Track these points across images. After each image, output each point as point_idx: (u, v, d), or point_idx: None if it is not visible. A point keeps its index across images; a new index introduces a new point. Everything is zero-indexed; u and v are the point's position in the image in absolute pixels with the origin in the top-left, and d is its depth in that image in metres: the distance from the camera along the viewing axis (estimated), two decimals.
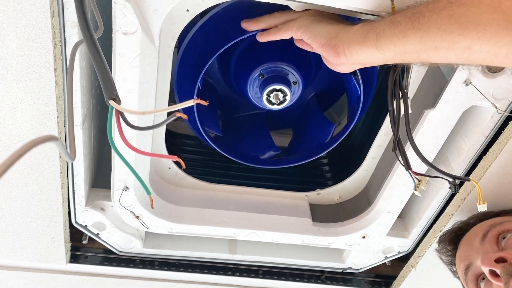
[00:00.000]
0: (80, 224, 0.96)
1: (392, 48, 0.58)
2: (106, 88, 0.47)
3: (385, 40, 0.58)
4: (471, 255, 0.85)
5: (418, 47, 0.55)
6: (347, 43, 0.64)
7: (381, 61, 0.62)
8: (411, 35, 0.55)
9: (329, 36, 0.66)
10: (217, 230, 0.98)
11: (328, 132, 1.01)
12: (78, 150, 0.82)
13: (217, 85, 1.05)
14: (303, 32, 0.70)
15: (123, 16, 0.65)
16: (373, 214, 0.99)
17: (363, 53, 0.62)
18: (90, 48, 0.48)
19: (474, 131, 0.85)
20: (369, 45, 0.60)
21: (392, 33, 0.58)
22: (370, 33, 0.61)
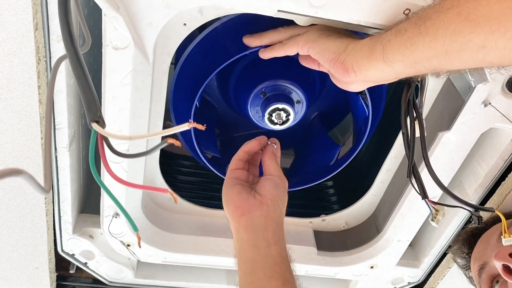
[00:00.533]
0: (67, 252, 0.89)
1: (400, 59, 0.53)
2: (89, 109, 0.41)
3: (392, 50, 0.53)
4: (486, 254, 0.77)
5: (427, 53, 0.50)
6: (355, 58, 0.59)
7: (391, 75, 0.56)
8: (419, 42, 0.50)
9: (337, 51, 0.61)
10: (215, 259, 0.92)
11: (333, 154, 0.95)
12: (64, 174, 0.76)
13: (216, 103, 0.99)
14: (310, 47, 0.64)
15: (114, 29, 0.59)
16: (382, 243, 0.92)
17: (372, 68, 0.57)
18: (72, 63, 0.42)
19: (492, 155, 0.79)
20: (376, 58, 0.55)
21: (398, 42, 0.53)
22: (376, 45, 0.56)
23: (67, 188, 0.78)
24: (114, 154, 0.39)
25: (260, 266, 0.59)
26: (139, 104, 0.70)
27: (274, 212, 0.64)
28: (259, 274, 0.58)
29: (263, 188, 0.65)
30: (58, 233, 0.84)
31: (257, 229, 0.62)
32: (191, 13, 0.67)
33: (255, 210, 0.63)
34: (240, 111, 0.91)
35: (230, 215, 0.65)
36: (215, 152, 0.94)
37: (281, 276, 0.58)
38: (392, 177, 0.91)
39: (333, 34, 0.64)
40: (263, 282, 0.58)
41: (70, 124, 0.71)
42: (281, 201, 0.66)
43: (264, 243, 0.61)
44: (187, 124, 0.36)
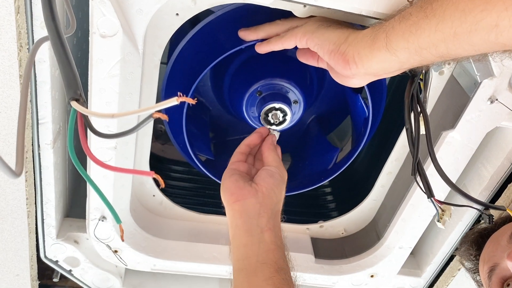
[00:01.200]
0: (50, 259, 0.84)
1: (405, 45, 0.50)
2: (69, 86, 0.37)
3: (396, 37, 0.50)
4: (496, 255, 0.73)
5: (434, 37, 0.47)
6: (356, 48, 0.55)
7: (396, 64, 0.53)
8: (425, 25, 0.47)
9: (338, 42, 0.58)
10: (207, 267, 0.88)
11: (331, 158, 0.91)
12: (47, 173, 0.72)
13: (210, 105, 0.96)
14: (309, 38, 0.61)
15: (102, 15, 0.56)
16: (382, 250, 0.88)
17: (374, 58, 0.53)
18: (52, 38, 0.39)
19: (497, 156, 0.76)
20: (379, 46, 0.52)
21: (403, 28, 0.49)
22: (379, 33, 0.52)
23: (50, 189, 0.74)
24: (95, 134, 0.35)
25: (253, 252, 0.58)
26: (128, 98, 0.66)
27: (270, 199, 0.63)
28: (252, 260, 0.57)
29: (259, 178, 0.65)
30: (40, 237, 0.80)
31: (251, 216, 0.61)
32: (183, 2, 0.64)
33: (249, 197, 0.62)
34: (235, 113, 0.87)
35: (226, 202, 0.65)
36: (209, 155, 0.90)
37: (275, 263, 0.57)
38: (393, 180, 0.88)
39: (333, 25, 0.61)
40: (256, 268, 0.57)
41: (54, 119, 0.67)
42: (278, 189, 0.65)
43: (258, 229, 0.60)
44: (176, 98, 0.32)
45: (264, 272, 0.56)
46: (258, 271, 0.56)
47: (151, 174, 0.34)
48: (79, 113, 0.37)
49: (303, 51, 0.68)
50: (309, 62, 0.68)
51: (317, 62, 0.67)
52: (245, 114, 0.82)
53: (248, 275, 0.57)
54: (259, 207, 0.62)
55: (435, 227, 0.88)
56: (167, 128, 0.82)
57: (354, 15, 0.60)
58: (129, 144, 0.72)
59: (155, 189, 0.86)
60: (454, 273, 0.89)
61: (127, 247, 0.82)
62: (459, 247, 0.84)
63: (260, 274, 0.56)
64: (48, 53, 0.60)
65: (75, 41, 0.71)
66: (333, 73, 0.62)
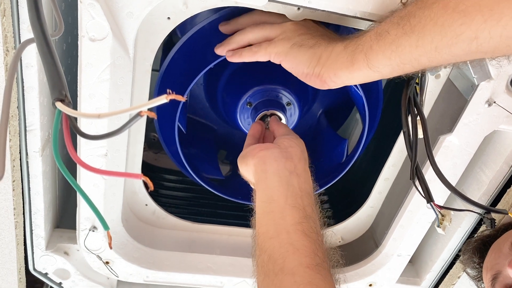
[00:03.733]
0: (39, 271, 0.81)
1: (387, 63, 0.50)
2: (53, 86, 0.36)
3: (377, 57, 0.50)
4: (499, 262, 0.72)
5: (415, 53, 0.47)
6: (333, 69, 0.56)
7: (378, 76, 0.53)
8: (405, 43, 0.47)
9: (311, 64, 0.58)
10: (201, 278, 0.85)
11: (342, 150, 0.88)
12: (36, 182, 0.70)
13: (213, 124, 0.95)
14: (283, 60, 0.62)
15: (91, 18, 0.55)
16: (381, 258, 0.86)
17: (355, 76, 0.54)
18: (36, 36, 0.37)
19: (496, 160, 0.75)
20: (360, 67, 0.52)
21: (382, 46, 0.50)
22: (357, 54, 0.53)
23: (39, 198, 0.71)
24: (80, 135, 0.34)
25: (281, 194, 0.54)
26: (119, 104, 0.64)
27: (293, 150, 0.60)
28: (280, 203, 0.53)
29: (276, 141, 0.64)
30: (29, 249, 0.77)
31: (277, 160, 0.58)
32: (175, 5, 0.62)
33: (272, 148, 0.60)
34: (236, 127, 0.86)
35: (249, 155, 0.61)
36: (218, 175, 0.88)
37: (303, 208, 0.53)
38: (391, 186, 0.86)
39: (305, 43, 0.60)
40: (284, 211, 0.52)
41: (43, 126, 0.65)
42: (298, 147, 0.62)
43: (286, 172, 0.57)
44: (165, 96, 0.31)
45: (294, 215, 0.52)
46: (286, 214, 0.52)
47: (139, 176, 0.33)
48: (64, 115, 0.35)
49: None
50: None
51: None
52: (242, 127, 0.81)
53: (275, 218, 0.52)
54: (285, 154, 0.59)
55: (434, 233, 0.87)
56: (160, 138, 0.81)
57: (348, 16, 0.59)
58: (120, 151, 0.70)
59: (147, 198, 0.84)
60: (454, 281, 0.87)
61: (119, 258, 0.80)
62: (462, 255, 0.82)
63: (288, 217, 0.52)
64: (35, 58, 0.59)
65: (65, 47, 0.70)
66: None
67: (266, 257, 0.48)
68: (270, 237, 0.50)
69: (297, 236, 0.49)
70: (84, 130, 0.59)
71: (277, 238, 0.49)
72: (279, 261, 0.47)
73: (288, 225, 0.51)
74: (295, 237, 0.49)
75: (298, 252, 0.48)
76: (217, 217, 0.96)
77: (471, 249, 0.78)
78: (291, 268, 0.46)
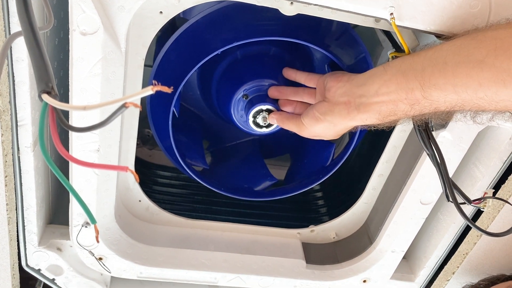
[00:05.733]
0: (32, 267, 0.81)
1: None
2: (40, 78, 0.35)
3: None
4: None
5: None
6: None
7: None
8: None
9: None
10: (195, 274, 0.85)
11: (328, 154, 0.89)
12: (28, 177, 0.69)
13: (202, 113, 0.94)
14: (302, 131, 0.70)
15: (82, 12, 0.54)
16: (375, 254, 0.86)
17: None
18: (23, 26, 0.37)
19: (489, 156, 0.74)
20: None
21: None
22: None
23: (31, 194, 0.71)
24: (66, 128, 0.33)
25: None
26: (111, 98, 0.64)
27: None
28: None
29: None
30: (22, 245, 0.77)
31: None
32: (167, 0, 0.62)
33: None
34: (226, 119, 0.86)
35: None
36: (203, 164, 0.88)
37: None
38: (385, 182, 0.86)
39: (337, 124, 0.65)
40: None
41: (34, 121, 0.65)
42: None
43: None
44: (151, 87, 0.30)
45: None
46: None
47: (124, 169, 0.32)
48: (51, 107, 0.35)
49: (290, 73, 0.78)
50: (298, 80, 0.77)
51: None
52: (234, 120, 0.81)
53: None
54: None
55: (428, 230, 0.87)
56: (154, 133, 0.80)
57: (341, 11, 0.59)
58: (112, 146, 0.69)
59: (141, 194, 0.84)
60: (448, 277, 0.87)
61: (112, 254, 0.80)
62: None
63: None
64: (26, 52, 0.58)
65: (57, 42, 0.69)
66: None
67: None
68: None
69: None
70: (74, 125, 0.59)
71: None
72: None
73: None
74: None
75: None
76: (212, 213, 0.95)
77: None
78: None
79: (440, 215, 0.84)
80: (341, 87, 0.63)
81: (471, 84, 0.47)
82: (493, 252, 0.85)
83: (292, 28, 0.70)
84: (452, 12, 0.57)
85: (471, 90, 0.48)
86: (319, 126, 0.66)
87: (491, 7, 0.57)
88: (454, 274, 0.87)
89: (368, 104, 0.58)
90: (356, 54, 0.76)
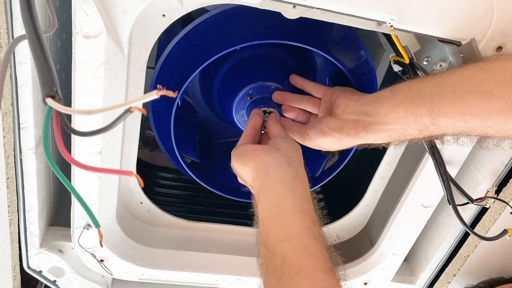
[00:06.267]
0: (34, 269, 0.81)
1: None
2: (44, 82, 0.35)
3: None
4: None
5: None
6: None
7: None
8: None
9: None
10: (196, 276, 0.85)
11: (319, 166, 0.89)
12: (30, 180, 0.69)
13: (197, 106, 0.94)
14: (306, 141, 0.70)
15: (85, 15, 0.54)
16: (376, 257, 0.86)
17: None
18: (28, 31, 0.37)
19: (490, 159, 0.74)
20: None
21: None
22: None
23: (33, 196, 0.71)
24: (70, 132, 0.34)
25: (288, 200, 0.53)
26: (113, 101, 0.64)
27: (292, 155, 0.60)
28: (287, 207, 0.53)
29: (272, 143, 0.63)
30: (23, 246, 0.77)
31: (279, 165, 0.57)
32: (170, 3, 0.62)
33: (273, 151, 0.59)
34: (224, 116, 0.85)
35: (248, 157, 0.60)
36: (195, 157, 0.87)
37: (310, 214, 0.53)
38: (386, 185, 0.86)
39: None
40: (293, 215, 0.52)
41: (37, 123, 0.65)
42: (296, 151, 0.61)
43: (289, 177, 0.56)
44: (155, 91, 0.30)
45: (303, 220, 0.52)
46: (295, 218, 0.52)
47: (129, 173, 0.32)
48: (55, 111, 0.35)
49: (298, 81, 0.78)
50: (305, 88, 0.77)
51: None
52: (234, 117, 0.80)
53: (285, 222, 0.52)
54: (286, 159, 0.58)
55: (429, 232, 0.87)
56: (155, 133, 0.80)
57: (343, 15, 0.59)
58: (114, 149, 0.69)
59: (142, 196, 0.84)
60: (449, 279, 0.87)
61: (114, 256, 0.80)
62: None
63: (298, 222, 0.51)
64: (29, 55, 0.58)
65: (59, 44, 0.69)
66: None
67: (280, 261, 0.48)
68: (282, 240, 0.49)
69: (309, 241, 0.49)
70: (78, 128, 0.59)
71: (289, 241, 0.49)
72: (294, 264, 0.46)
73: (299, 229, 0.50)
74: (307, 242, 0.49)
75: (312, 256, 0.47)
76: (213, 215, 0.95)
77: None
78: (308, 272, 0.46)
79: (441, 218, 0.84)
80: (350, 105, 0.63)
81: (479, 113, 0.48)
82: (494, 255, 0.85)
83: (293, 31, 0.70)
84: (455, 16, 0.57)
85: (479, 119, 0.49)
86: (325, 140, 0.66)
87: (493, 12, 0.57)
88: (455, 277, 0.87)
89: (377, 128, 0.59)
90: (357, 57, 0.76)
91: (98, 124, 0.62)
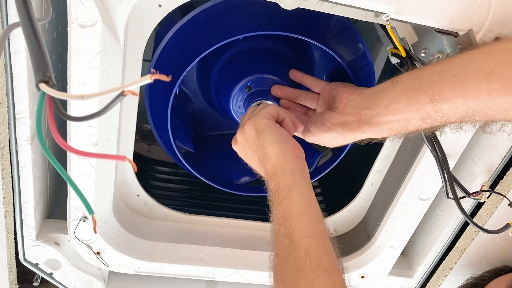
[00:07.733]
0: (30, 261, 0.81)
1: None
2: (37, 68, 0.35)
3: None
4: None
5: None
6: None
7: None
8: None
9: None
10: (194, 269, 0.85)
11: (312, 161, 0.89)
12: (26, 171, 0.69)
13: (193, 97, 0.93)
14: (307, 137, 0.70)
15: (80, 4, 0.54)
16: (373, 250, 0.86)
17: None
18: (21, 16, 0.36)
19: (488, 151, 0.74)
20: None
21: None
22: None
23: (29, 187, 0.71)
24: (63, 117, 0.33)
25: (315, 203, 0.58)
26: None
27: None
28: (314, 209, 0.57)
29: None
30: (19, 239, 0.77)
31: (308, 174, 0.62)
32: None
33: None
34: (220, 107, 0.85)
35: (296, 158, 0.61)
36: (190, 147, 0.87)
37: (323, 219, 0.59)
38: (383, 178, 0.86)
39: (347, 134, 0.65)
40: (319, 217, 0.57)
41: (32, 114, 0.65)
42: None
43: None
44: (149, 75, 0.30)
45: (323, 223, 0.56)
46: (320, 221, 0.56)
47: (122, 158, 0.32)
48: (48, 96, 0.34)
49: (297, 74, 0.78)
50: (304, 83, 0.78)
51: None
52: (231, 109, 0.80)
53: (311, 221, 0.55)
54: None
55: (426, 226, 0.87)
56: (151, 126, 0.80)
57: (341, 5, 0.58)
58: (110, 140, 0.69)
59: (139, 189, 0.84)
60: (446, 272, 0.87)
61: (110, 248, 0.79)
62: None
63: (321, 224, 0.55)
64: (24, 44, 0.58)
65: (55, 35, 0.69)
66: None
67: (303, 253, 0.51)
68: (307, 236, 0.53)
69: (328, 241, 0.54)
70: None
71: (313, 238, 0.52)
72: (316, 258, 0.50)
73: (321, 230, 0.55)
74: (327, 241, 0.54)
75: (331, 254, 0.52)
76: (210, 208, 0.95)
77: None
78: (327, 267, 0.50)
79: (438, 211, 0.84)
80: (353, 99, 0.63)
81: (481, 95, 0.48)
82: (490, 248, 0.85)
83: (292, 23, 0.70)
84: (452, 7, 0.57)
85: (481, 101, 0.49)
86: (327, 135, 0.66)
87: (491, 3, 0.57)
88: (452, 270, 0.87)
89: (379, 120, 0.59)
90: (355, 50, 0.76)
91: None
